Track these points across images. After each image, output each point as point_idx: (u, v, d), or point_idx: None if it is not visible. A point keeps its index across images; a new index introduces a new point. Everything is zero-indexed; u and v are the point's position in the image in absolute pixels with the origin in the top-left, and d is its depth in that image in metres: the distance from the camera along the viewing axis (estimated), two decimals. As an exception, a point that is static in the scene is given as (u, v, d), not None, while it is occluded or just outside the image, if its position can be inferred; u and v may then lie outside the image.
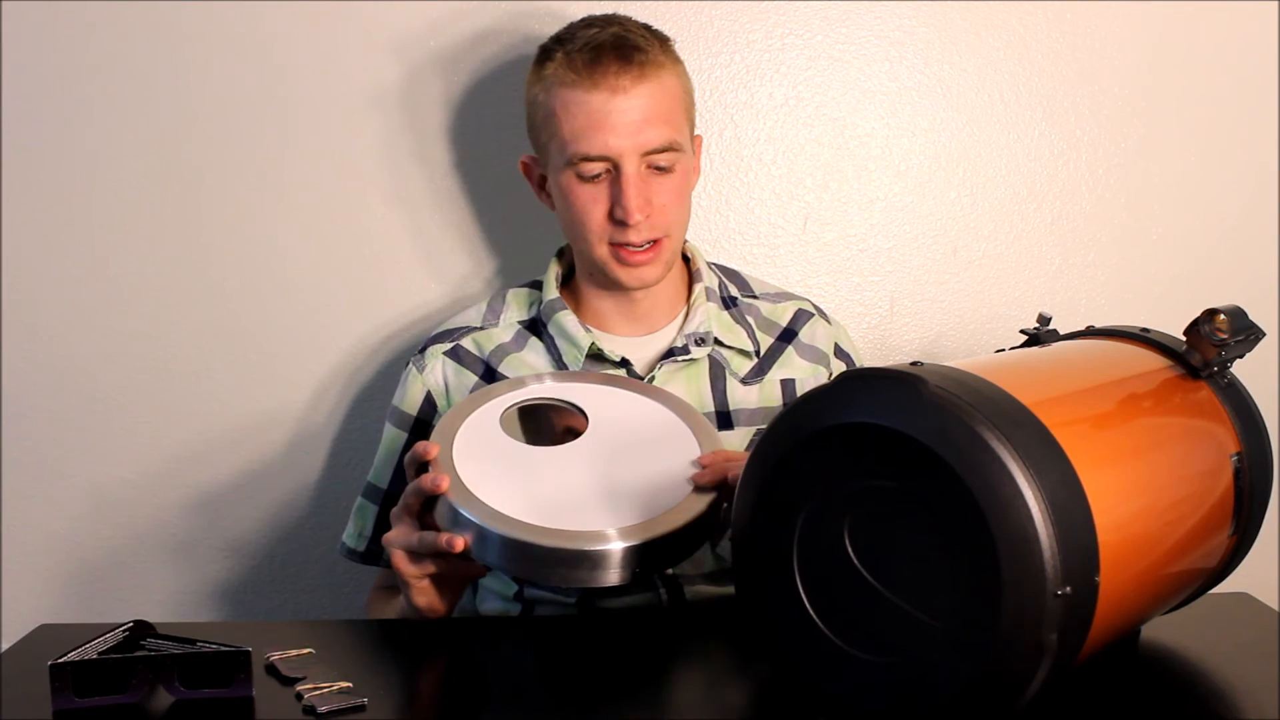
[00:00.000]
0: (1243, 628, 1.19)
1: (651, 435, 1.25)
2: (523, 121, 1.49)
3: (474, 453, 1.20)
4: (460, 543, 1.13)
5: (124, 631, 1.06)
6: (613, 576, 1.11)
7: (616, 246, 1.39)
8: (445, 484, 1.15)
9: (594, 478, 1.18)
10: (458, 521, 1.14)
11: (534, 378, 1.32)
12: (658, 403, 1.30)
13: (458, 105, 1.66)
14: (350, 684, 1.02)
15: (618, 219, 1.37)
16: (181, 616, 1.70)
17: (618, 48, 1.36)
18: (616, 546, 1.10)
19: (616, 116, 1.35)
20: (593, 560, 1.10)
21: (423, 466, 1.19)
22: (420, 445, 1.19)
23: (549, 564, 1.11)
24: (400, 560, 1.19)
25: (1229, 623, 1.20)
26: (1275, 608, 1.24)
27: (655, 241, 1.40)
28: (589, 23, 1.41)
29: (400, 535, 1.19)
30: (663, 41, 1.42)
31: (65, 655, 0.99)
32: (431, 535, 1.15)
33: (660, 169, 1.38)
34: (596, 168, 1.37)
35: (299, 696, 1.00)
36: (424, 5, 1.64)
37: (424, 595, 1.21)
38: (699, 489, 1.17)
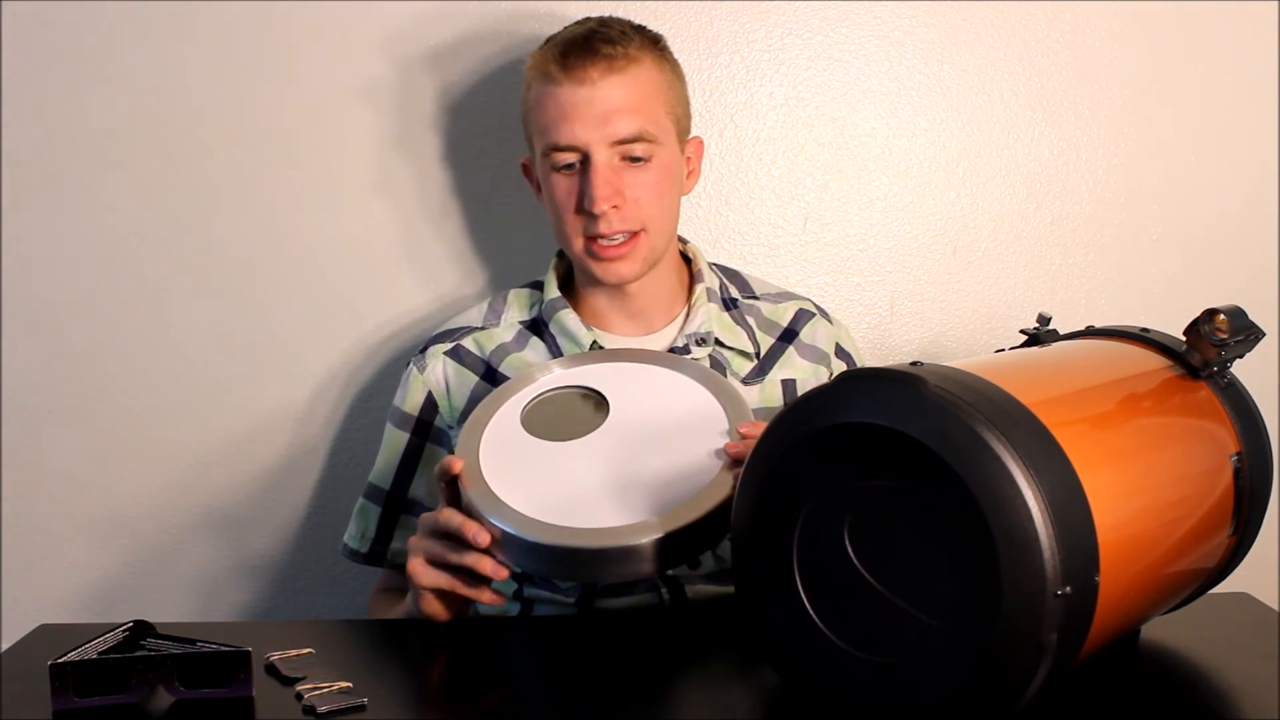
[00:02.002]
0: (1243, 628, 1.19)
1: (674, 409, 1.24)
2: (512, 124, 1.50)
3: (500, 460, 1.19)
4: (486, 537, 1.13)
5: (124, 631, 1.06)
6: (647, 567, 1.12)
7: (590, 240, 1.40)
8: (458, 466, 1.16)
9: (621, 465, 1.18)
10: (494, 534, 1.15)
11: (541, 368, 1.31)
12: (672, 370, 1.29)
13: (455, 107, 1.66)
14: (350, 684, 1.02)
15: (586, 209, 1.38)
16: (181, 616, 1.69)
17: (588, 42, 1.38)
18: (649, 539, 1.11)
19: (584, 107, 1.37)
20: (628, 555, 1.11)
21: (452, 483, 1.18)
22: (446, 461, 1.18)
23: (587, 565, 1.13)
24: (418, 567, 1.18)
25: (1229, 623, 1.20)
26: (1275, 608, 1.24)
27: (632, 236, 1.40)
28: (577, 23, 1.43)
29: (425, 542, 1.19)
30: (648, 39, 1.43)
31: (65, 655, 0.99)
32: (454, 526, 1.15)
33: (634, 160, 1.39)
34: (568, 157, 1.38)
35: (299, 696, 1.00)
36: (418, 6, 1.64)
37: (431, 605, 1.20)
38: (727, 467, 1.16)
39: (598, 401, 1.26)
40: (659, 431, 1.21)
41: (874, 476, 0.90)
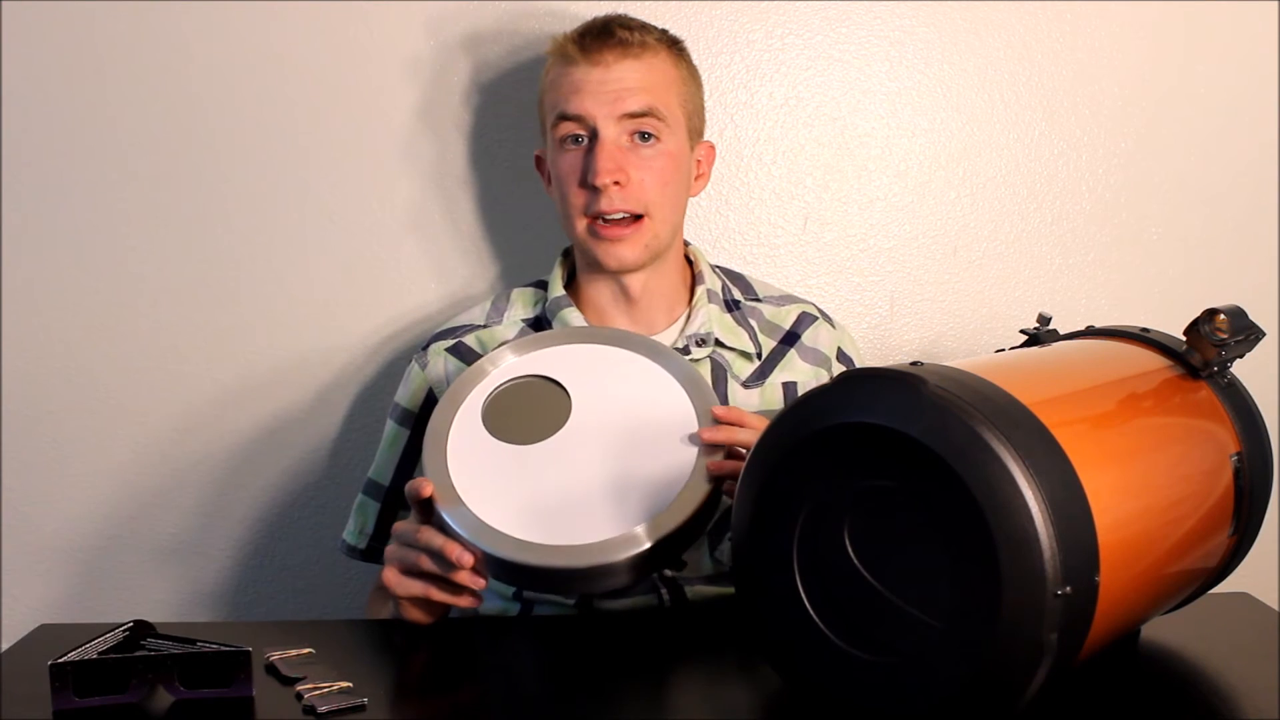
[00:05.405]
0: (1243, 628, 1.20)
1: (635, 396, 1.22)
2: (528, 122, 1.50)
3: (469, 471, 1.18)
4: (469, 558, 1.13)
5: (124, 631, 1.06)
6: (627, 579, 1.13)
7: (592, 220, 1.41)
8: (428, 489, 1.16)
9: (592, 470, 1.17)
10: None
11: (491, 360, 1.27)
12: (630, 351, 1.26)
13: (462, 106, 1.66)
14: (350, 684, 1.02)
15: (590, 184, 1.39)
16: (182, 616, 1.70)
17: (606, 27, 1.41)
18: (629, 555, 1.11)
19: (596, 85, 1.39)
20: (609, 570, 1.11)
21: (425, 503, 1.18)
22: (415, 484, 1.18)
23: (568, 581, 1.14)
24: (393, 578, 1.19)
25: (1229, 623, 1.20)
26: (1275, 608, 1.24)
27: (634, 220, 1.40)
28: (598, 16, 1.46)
29: (398, 552, 1.19)
30: (668, 38, 1.45)
31: (65, 655, 0.99)
32: (435, 546, 1.15)
33: (642, 138, 1.40)
34: (575, 128, 1.40)
35: (299, 696, 1.00)
36: (429, 5, 1.64)
37: (410, 612, 1.22)
38: (704, 454, 1.16)
39: (556, 391, 1.24)
40: (625, 425, 1.19)
41: (874, 476, 0.90)
